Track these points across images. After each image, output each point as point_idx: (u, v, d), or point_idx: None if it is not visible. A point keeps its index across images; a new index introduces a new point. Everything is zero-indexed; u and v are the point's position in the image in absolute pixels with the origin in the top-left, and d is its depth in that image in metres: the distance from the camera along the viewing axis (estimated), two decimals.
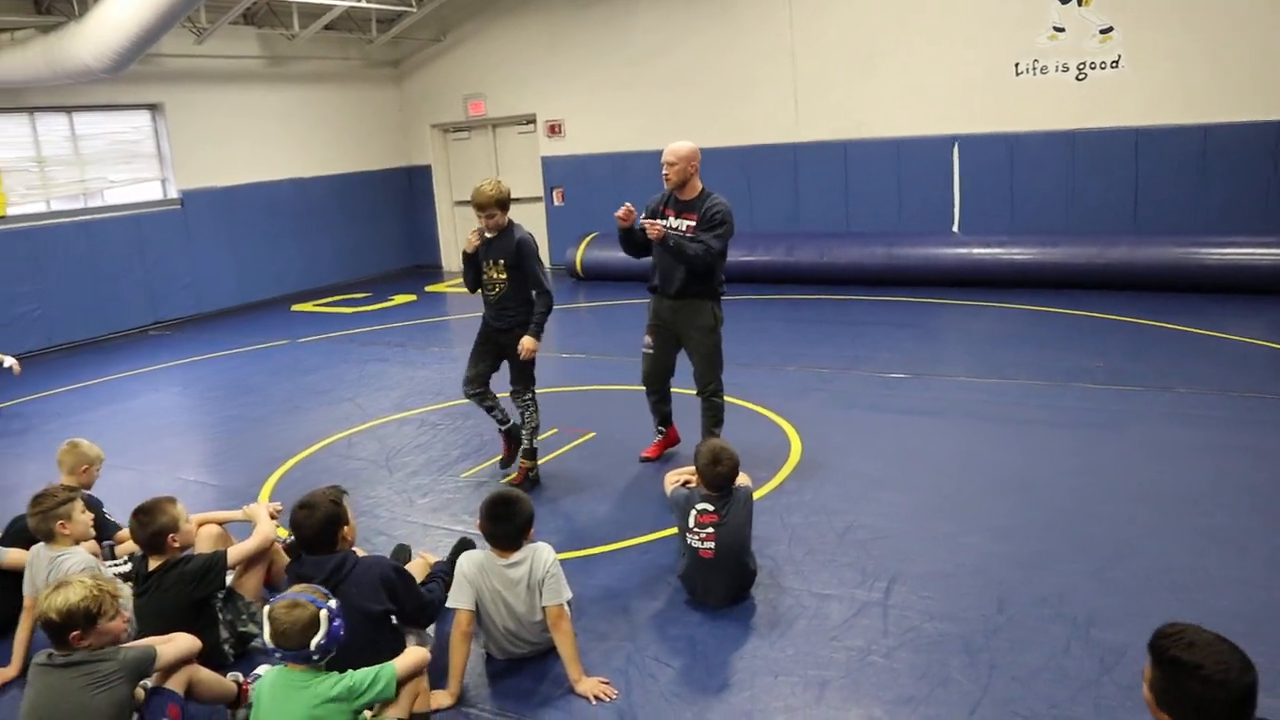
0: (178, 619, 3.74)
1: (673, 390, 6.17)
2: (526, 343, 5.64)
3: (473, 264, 5.73)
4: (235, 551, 4.10)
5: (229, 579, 4.13)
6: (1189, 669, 2.23)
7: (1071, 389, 7.02)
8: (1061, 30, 10.77)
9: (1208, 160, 10.34)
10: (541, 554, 3.78)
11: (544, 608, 3.72)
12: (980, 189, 11.51)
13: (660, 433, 6.23)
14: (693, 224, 5.58)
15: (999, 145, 11.32)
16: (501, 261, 5.62)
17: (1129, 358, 7.75)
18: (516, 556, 3.77)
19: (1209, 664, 2.21)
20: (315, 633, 3.04)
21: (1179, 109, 10.38)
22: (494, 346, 5.83)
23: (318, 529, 3.63)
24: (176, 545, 3.94)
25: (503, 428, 5.99)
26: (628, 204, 5.56)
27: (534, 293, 5.68)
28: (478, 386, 5.86)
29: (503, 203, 5.57)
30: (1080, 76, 10.79)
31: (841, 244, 11.75)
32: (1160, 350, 7.95)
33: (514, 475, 5.91)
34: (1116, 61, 10.58)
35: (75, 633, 3.06)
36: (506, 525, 3.76)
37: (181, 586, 3.85)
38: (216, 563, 3.96)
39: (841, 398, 7.26)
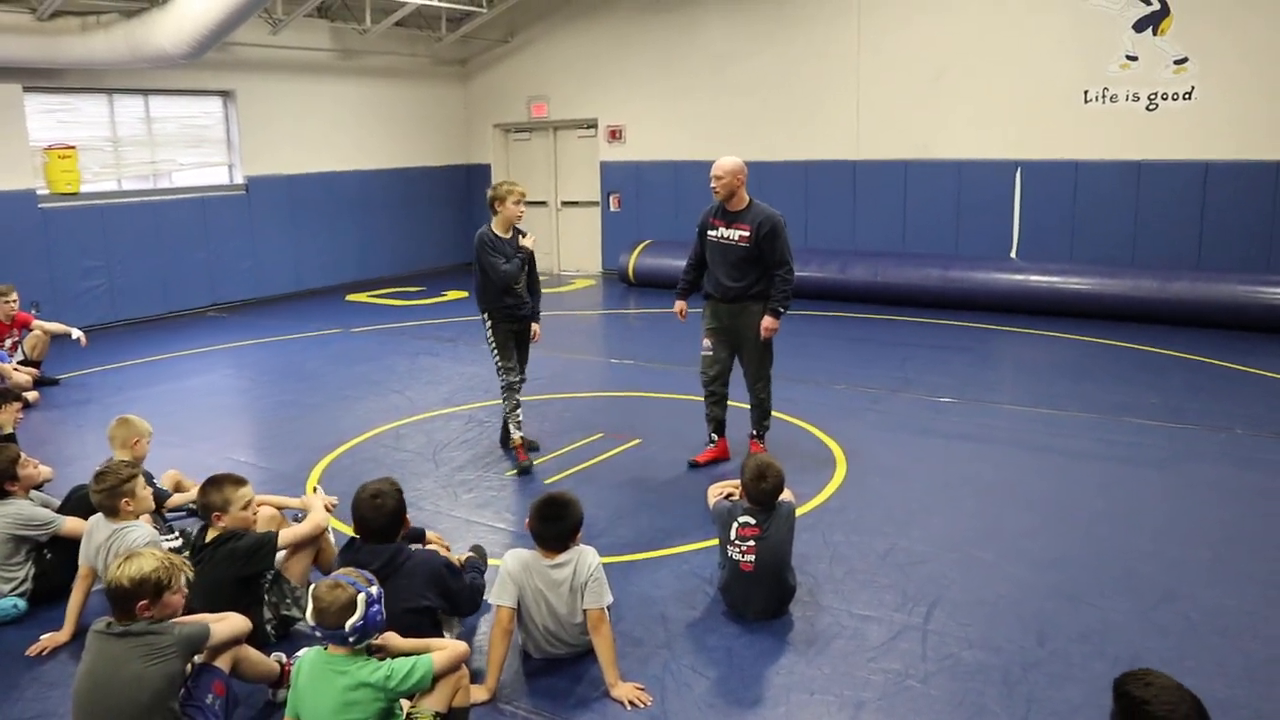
0: (225, 593, 3.83)
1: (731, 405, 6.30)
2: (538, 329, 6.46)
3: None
4: (287, 534, 4.19)
5: (279, 559, 4.21)
6: (1137, 703, 2.41)
7: (1126, 424, 6.91)
8: (1134, 59, 10.62)
9: (1278, 196, 10.12)
10: (586, 557, 3.82)
11: (585, 610, 3.75)
12: (1041, 216, 11.38)
13: (712, 440, 6.36)
14: (745, 233, 5.87)
15: (1063, 172, 11.17)
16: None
17: (1186, 395, 7.61)
18: (562, 558, 3.80)
19: (1155, 703, 2.38)
20: (352, 614, 3.11)
21: (1251, 144, 10.18)
22: (517, 338, 6.35)
23: (389, 518, 3.76)
24: (222, 524, 4.04)
25: (521, 432, 6.39)
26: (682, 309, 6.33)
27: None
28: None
29: None
30: (1151, 107, 10.63)
31: (896, 264, 11.67)
32: (1219, 389, 7.79)
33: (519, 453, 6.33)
34: (1189, 93, 10.41)
35: (144, 602, 3.15)
36: (556, 526, 3.81)
37: (231, 562, 3.95)
38: (267, 542, 4.05)
39: (890, 419, 7.21)
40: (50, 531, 4.53)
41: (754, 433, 6.33)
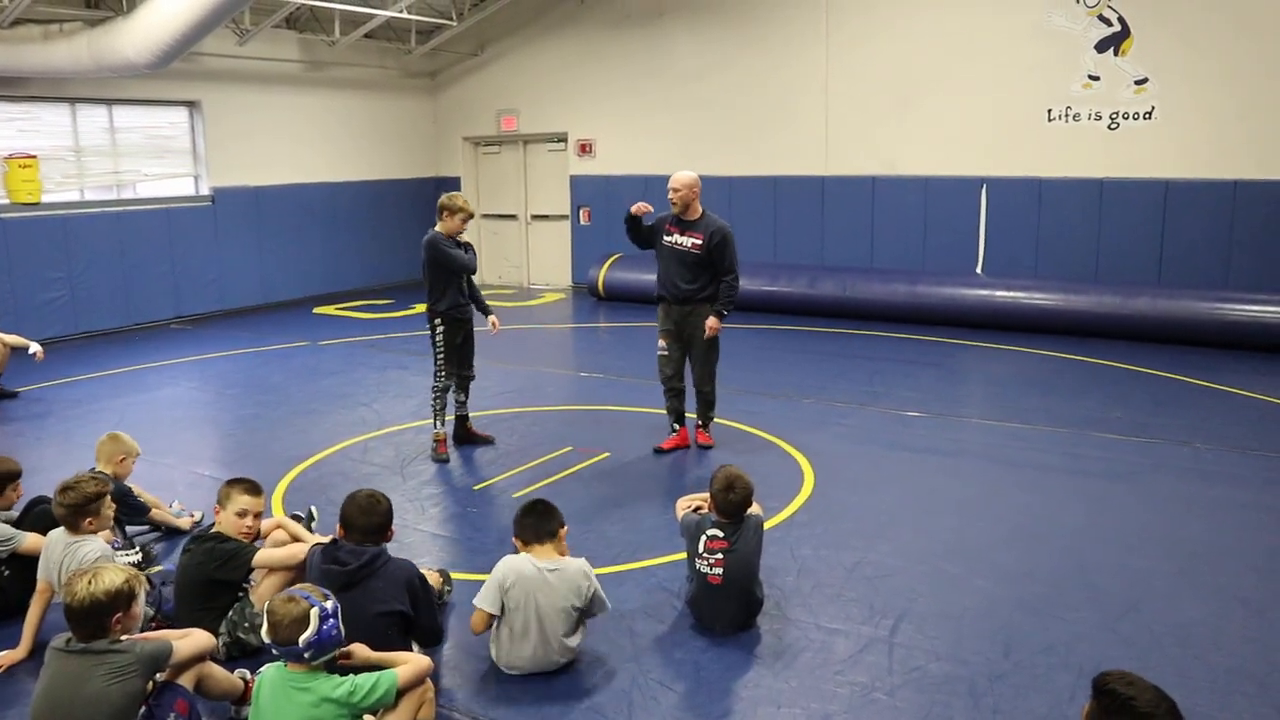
0: (196, 588, 4.00)
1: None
2: (497, 320, 7.08)
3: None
4: (263, 555, 4.14)
5: (253, 579, 4.16)
6: (1122, 700, 2.49)
7: (1089, 438, 6.99)
8: (1096, 79, 10.80)
9: (1236, 215, 10.32)
10: (583, 568, 3.95)
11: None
12: (1006, 232, 11.52)
13: (674, 430, 6.86)
14: (697, 240, 6.44)
15: (1027, 190, 11.32)
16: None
17: (1149, 410, 7.71)
18: (558, 562, 3.89)
19: (1141, 700, 2.48)
20: (305, 629, 3.08)
21: (1210, 163, 10.37)
22: (463, 340, 6.84)
23: (380, 519, 3.83)
24: (217, 513, 4.19)
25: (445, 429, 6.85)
26: (647, 204, 6.54)
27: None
28: None
29: None
30: (1112, 126, 10.81)
31: (864, 279, 11.76)
32: (1181, 404, 7.90)
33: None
34: (1150, 113, 10.60)
35: (119, 615, 3.10)
36: (536, 523, 3.96)
37: (208, 560, 4.03)
38: (241, 553, 4.07)
39: (857, 433, 7.25)
40: (9, 549, 4.42)
41: (700, 423, 6.85)
